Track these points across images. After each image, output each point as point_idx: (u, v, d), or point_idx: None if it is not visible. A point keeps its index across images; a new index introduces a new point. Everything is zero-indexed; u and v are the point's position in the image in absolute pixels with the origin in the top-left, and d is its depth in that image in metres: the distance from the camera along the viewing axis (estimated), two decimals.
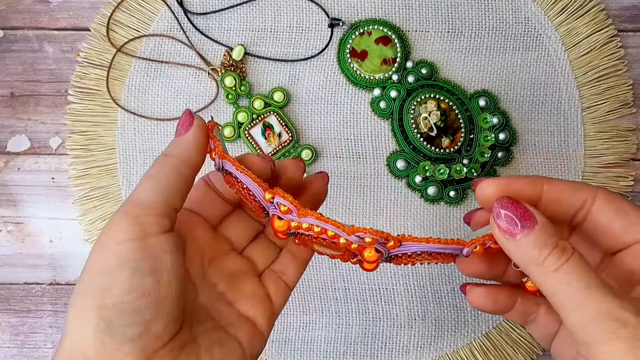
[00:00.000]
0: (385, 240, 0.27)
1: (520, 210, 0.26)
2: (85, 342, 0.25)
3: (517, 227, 0.26)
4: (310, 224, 0.27)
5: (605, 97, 0.48)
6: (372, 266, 0.28)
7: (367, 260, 0.27)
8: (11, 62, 0.50)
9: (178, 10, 0.50)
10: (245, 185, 0.29)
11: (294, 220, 0.28)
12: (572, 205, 0.28)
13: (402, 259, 0.28)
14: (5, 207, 0.50)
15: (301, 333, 0.48)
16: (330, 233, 0.27)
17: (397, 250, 0.27)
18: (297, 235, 0.28)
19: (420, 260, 0.28)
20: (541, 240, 0.25)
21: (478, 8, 0.49)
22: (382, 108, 0.48)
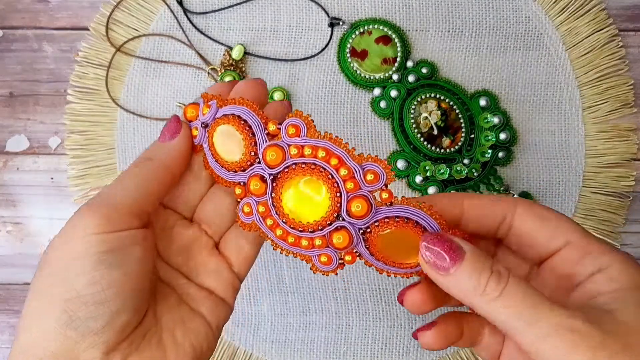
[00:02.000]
0: (384, 185, 0.27)
1: (447, 244, 0.26)
2: (46, 337, 0.24)
3: (446, 261, 0.25)
4: (316, 146, 0.27)
5: (606, 97, 0.48)
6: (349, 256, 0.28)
7: (336, 246, 0.27)
8: (10, 61, 0.50)
9: (178, 9, 0.49)
10: (244, 120, 0.28)
11: (296, 145, 0.27)
12: (493, 218, 0.28)
13: (373, 234, 0.27)
14: (5, 207, 0.49)
15: (301, 334, 0.48)
16: (333, 162, 0.27)
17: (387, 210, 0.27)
18: (279, 175, 0.27)
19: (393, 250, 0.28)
20: (476, 268, 0.25)
21: (479, 7, 0.49)
22: (383, 108, 0.48)
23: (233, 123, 0.28)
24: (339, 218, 0.27)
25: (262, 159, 0.27)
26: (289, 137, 0.27)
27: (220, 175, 0.29)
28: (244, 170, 0.28)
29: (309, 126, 0.27)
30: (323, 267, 0.28)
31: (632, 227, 0.48)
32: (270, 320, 0.48)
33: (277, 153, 0.27)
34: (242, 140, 0.28)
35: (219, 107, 0.29)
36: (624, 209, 0.48)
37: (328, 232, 0.27)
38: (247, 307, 0.48)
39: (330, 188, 0.27)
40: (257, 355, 0.47)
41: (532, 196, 0.47)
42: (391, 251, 0.28)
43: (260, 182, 0.28)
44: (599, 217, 0.48)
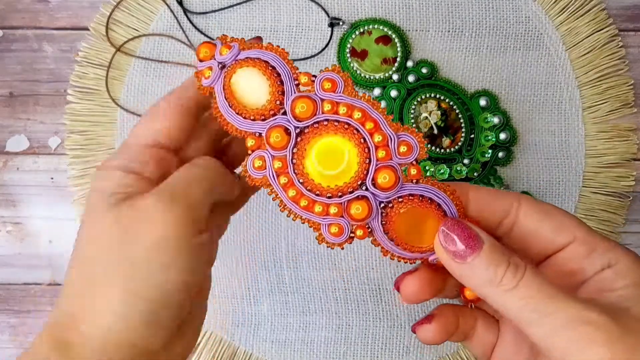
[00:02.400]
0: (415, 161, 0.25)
1: (467, 232, 0.25)
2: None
3: (465, 249, 0.25)
4: (351, 105, 0.25)
5: (606, 97, 0.48)
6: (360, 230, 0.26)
7: (353, 217, 0.25)
8: (10, 61, 0.50)
9: (177, 9, 0.49)
10: (271, 65, 0.25)
11: (330, 101, 0.25)
12: (497, 212, 0.27)
13: (394, 209, 0.26)
14: (4, 207, 0.49)
15: (301, 333, 0.48)
16: (369, 126, 0.25)
17: (392, 193, 0.25)
18: (304, 133, 0.25)
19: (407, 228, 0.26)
20: (493, 260, 0.25)
21: (479, 7, 0.49)
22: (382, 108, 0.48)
23: (260, 67, 0.25)
24: (362, 187, 0.25)
25: (289, 110, 0.25)
26: (323, 92, 0.25)
27: (232, 122, 0.26)
28: (263, 120, 0.25)
29: (347, 83, 0.25)
30: (331, 237, 0.26)
31: (632, 227, 0.48)
32: (270, 320, 0.48)
33: (308, 105, 0.25)
34: (268, 87, 0.25)
35: (242, 49, 0.26)
36: (624, 209, 0.48)
37: (347, 200, 0.25)
38: (247, 307, 0.48)
39: (361, 153, 0.25)
40: (257, 355, 0.48)
41: (533, 196, 0.47)
42: (407, 231, 0.26)
43: (283, 134, 0.25)
44: (599, 217, 0.48)
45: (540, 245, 0.27)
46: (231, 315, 0.48)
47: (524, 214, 0.27)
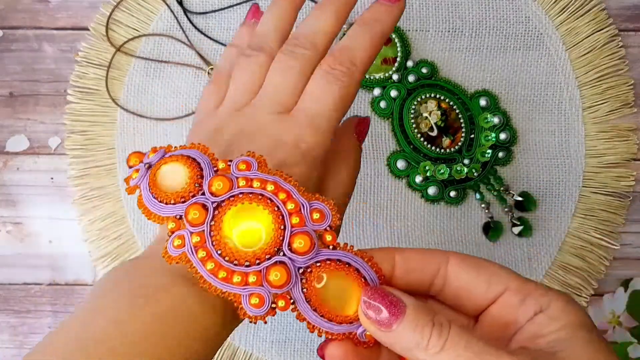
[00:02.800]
0: (329, 226, 0.26)
1: (388, 298, 0.25)
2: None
3: (388, 316, 0.24)
4: (265, 180, 0.25)
5: (606, 97, 0.48)
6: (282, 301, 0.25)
7: (272, 283, 0.24)
8: (10, 61, 0.50)
9: (178, 9, 0.49)
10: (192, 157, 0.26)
11: (244, 178, 0.25)
12: (427, 272, 0.27)
13: (313, 275, 0.25)
14: (4, 207, 0.49)
15: (301, 333, 0.48)
16: (281, 196, 0.25)
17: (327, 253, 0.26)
18: (221, 206, 0.25)
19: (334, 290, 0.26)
20: (418, 322, 0.24)
21: (478, 7, 0.49)
22: (382, 108, 0.48)
23: (181, 160, 0.26)
24: (280, 253, 0.25)
25: (207, 189, 0.25)
26: (238, 171, 0.26)
27: (154, 212, 0.26)
28: (184, 202, 0.26)
29: (261, 163, 0.26)
30: (252, 309, 0.25)
31: (632, 227, 0.48)
32: (270, 320, 0.48)
33: (225, 183, 0.25)
34: (187, 172, 0.26)
35: (167, 152, 0.27)
36: (624, 209, 0.48)
37: (265, 267, 0.25)
38: None
39: (275, 219, 0.25)
40: (257, 355, 0.47)
41: (532, 196, 0.47)
42: (329, 297, 0.26)
43: (201, 210, 0.25)
44: (599, 217, 0.48)
45: (474, 300, 0.27)
46: None
47: (453, 270, 0.27)
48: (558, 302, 0.25)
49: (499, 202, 0.48)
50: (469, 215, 0.48)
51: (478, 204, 0.48)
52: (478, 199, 0.48)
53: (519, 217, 0.47)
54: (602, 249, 0.48)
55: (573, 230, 0.48)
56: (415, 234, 0.48)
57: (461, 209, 0.48)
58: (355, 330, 0.26)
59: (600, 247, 0.48)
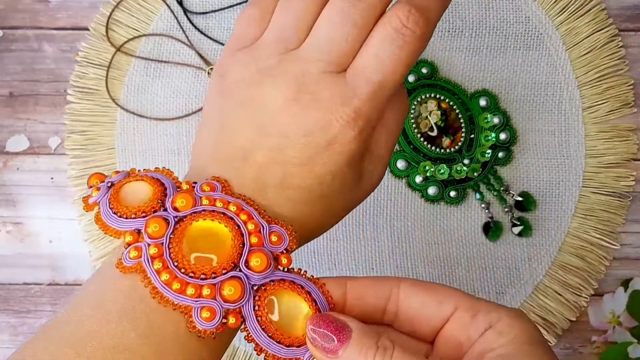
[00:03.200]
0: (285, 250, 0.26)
1: (333, 324, 0.25)
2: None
3: (335, 342, 0.25)
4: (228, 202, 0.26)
5: (606, 97, 0.48)
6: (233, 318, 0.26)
7: (226, 298, 0.25)
8: (10, 61, 0.50)
9: (178, 9, 0.49)
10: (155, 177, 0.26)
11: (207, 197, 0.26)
12: (378, 298, 0.27)
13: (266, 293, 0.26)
14: (4, 207, 0.49)
15: None
16: (243, 217, 0.26)
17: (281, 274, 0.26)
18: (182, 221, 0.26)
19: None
20: (362, 347, 0.24)
21: (478, 7, 0.49)
22: None
23: (145, 179, 0.26)
24: (236, 269, 0.25)
25: (170, 204, 0.25)
26: (202, 191, 0.26)
27: (112, 225, 0.26)
28: (144, 217, 0.25)
29: (225, 186, 0.26)
30: (202, 322, 0.25)
31: (632, 227, 0.49)
32: None
33: (188, 200, 0.25)
34: (151, 189, 0.26)
35: (131, 174, 0.27)
36: (623, 209, 0.48)
37: (220, 281, 0.25)
38: None
39: (235, 237, 0.26)
40: (257, 355, 0.47)
41: (532, 196, 0.47)
42: (280, 315, 0.26)
43: (162, 223, 0.25)
44: (599, 217, 0.48)
45: (427, 322, 0.27)
46: None
47: (404, 295, 0.27)
48: (506, 317, 0.25)
49: (499, 202, 0.48)
50: (469, 215, 0.48)
51: (478, 204, 0.48)
52: (478, 199, 0.48)
53: (519, 217, 0.47)
54: (602, 249, 0.48)
55: (573, 230, 0.48)
56: (415, 234, 0.48)
57: (461, 209, 0.48)
58: (302, 356, 0.26)
59: (600, 247, 0.48)
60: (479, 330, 0.25)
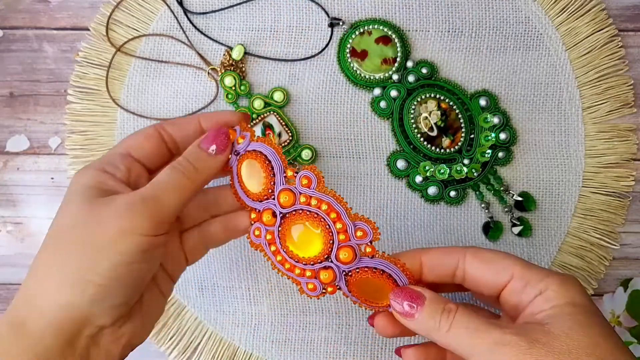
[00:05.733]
0: (370, 242, 0.33)
1: (410, 293, 0.33)
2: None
3: (413, 308, 0.32)
4: (321, 199, 0.33)
5: (606, 97, 0.48)
6: (331, 288, 0.35)
7: (322, 280, 0.34)
8: (10, 61, 0.50)
9: (178, 9, 0.49)
10: (269, 160, 0.34)
11: (306, 195, 0.33)
12: (448, 267, 0.34)
13: (353, 277, 0.34)
14: (5, 207, 0.49)
15: (301, 333, 0.48)
16: (332, 216, 0.33)
17: (367, 261, 0.33)
18: (287, 217, 0.34)
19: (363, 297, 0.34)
20: (432, 311, 0.32)
21: (478, 7, 0.49)
22: (383, 108, 0.48)
23: (259, 160, 0.34)
24: (328, 260, 0.34)
25: (277, 197, 0.34)
26: (301, 187, 0.33)
27: (242, 199, 0.36)
28: (260, 202, 0.35)
29: (319, 180, 0.33)
30: (309, 292, 0.35)
31: (632, 227, 0.49)
32: (270, 320, 0.48)
33: (290, 197, 0.33)
34: (264, 178, 0.34)
35: (252, 141, 0.34)
36: (623, 209, 0.48)
37: (318, 268, 0.34)
38: (247, 307, 0.48)
39: (326, 235, 0.33)
40: (257, 355, 0.48)
41: (532, 196, 0.48)
42: (364, 292, 0.34)
43: (271, 216, 0.34)
44: (599, 217, 0.48)
45: (489, 287, 0.33)
46: (231, 315, 0.48)
47: (469, 265, 0.33)
48: (553, 285, 0.31)
49: (499, 202, 0.48)
50: (469, 215, 0.48)
51: (478, 204, 0.48)
52: (478, 199, 0.48)
53: (518, 217, 0.48)
54: (602, 248, 0.48)
55: (573, 230, 0.48)
56: (415, 233, 0.48)
57: (461, 209, 0.48)
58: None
59: (600, 247, 0.48)
60: (529, 297, 0.31)
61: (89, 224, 0.30)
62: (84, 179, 0.32)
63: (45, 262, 0.30)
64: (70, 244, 0.30)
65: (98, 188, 0.32)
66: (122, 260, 0.30)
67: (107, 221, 0.30)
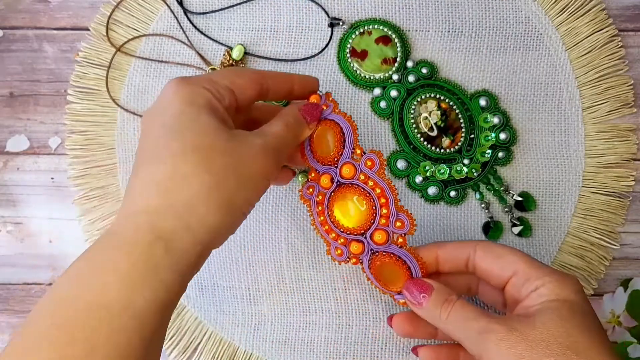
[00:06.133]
0: (405, 233, 0.38)
1: (420, 285, 0.38)
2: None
3: (422, 297, 0.37)
4: (377, 184, 0.38)
5: (606, 97, 0.48)
6: (354, 259, 0.39)
7: (351, 250, 0.39)
8: (10, 61, 0.50)
9: (178, 9, 0.49)
10: (343, 132, 0.38)
11: (366, 175, 0.38)
12: (461, 259, 0.38)
13: (378, 257, 0.39)
14: (5, 207, 0.50)
15: (301, 333, 0.48)
16: (382, 200, 0.38)
17: (381, 247, 0.39)
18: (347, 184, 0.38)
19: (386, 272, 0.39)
20: (438, 301, 0.37)
21: (478, 7, 0.49)
22: (383, 108, 0.48)
23: (335, 130, 0.38)
24: (363, 235, 0.39)
25: (339, 168, 0.38)
26: (365, 166, 0.38)
27: (307, 155, 0.39)
28: (323, 165, 0.39)
29: (382, 165, 0.38)
30: (336, 255, 0.40)
31: (632, 227, 0.49)
32: (271, 320, 0.48)
33: (351, 170, 0.38)
34: (334, 147, 0.38)
35: (333, 111, 0.38)
36: (623, 209, 0.48)
37: (351, 239, 0.39)
38: (247, 307, 0.48)
39: (370, 214, 0.38)
40: (257, 355, 0.48)
41: (532, 196, 0.48)
42: (381, 274, 0.39)
43: (329, 181, 0.38)
44: (599, 217, 0.48)
45: (495, 279, 0.37)
46: (231, 315, 0.48)
47: (478, 258, 0.38)
48: (549, 284, 0.34)
49: (498, 202, 0.48)
50: (469, 215, 0.48)
51: (478, 204, 0.48)
52: (478, 199, 0.48)
53: (518, 217, 0.48)
54: (602, 248, 0.48)
55: (573, 230, 0.48)
56: (415, 233, 0.48)
57: (461, 209, 0.48)
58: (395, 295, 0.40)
59: (600, 247, 0.48)
60: (527, 292, 0.35)
61: (234, 155, 0.31)
62: (199, 98, 0.32)
63: (192, 176, 0.29)
64: (222, 169, 0.30)
65: (214, 110, 0.32)
66: (258, 196, 0.33)
67: (249, 160, 0.31)
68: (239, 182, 0.31)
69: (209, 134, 0.31)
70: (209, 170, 0.30)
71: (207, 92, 0.32)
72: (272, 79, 0.36)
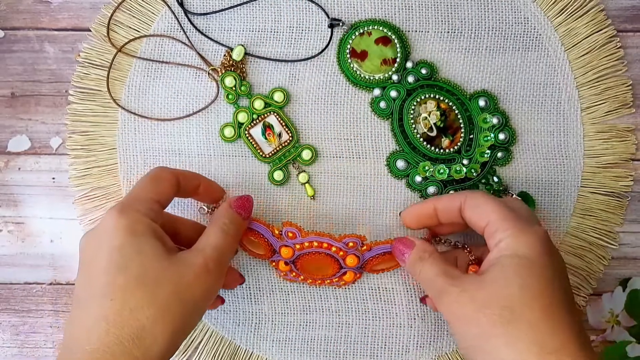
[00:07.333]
0: (361, 244, 0.44)
1: (404, 242, 0.42)
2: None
3: (405, 252, 0.42)
4: (310, 240, 0.43)
5: (605, 98, 0.49)
6: (351, 276, 0.46)
7: (346, 281, 0.46)
8: (12, 62, 0.50)
9: (178, 10, 0.50)
10: (262, 234, 0.44)
11: (297, 243, 0.43)
12: (454, 209, 0.41)
13: (373, 262, 0.45)
14: (6, 207, 0.50)
15: (301, 332, 0.48)
16: (325, 245, 0.43)
17: (369, 253, 0.45)
18: (298, 258, 0.44)
19: (383, 265, 0.46)
20: (416, 255, 0.41)
21: (478, 8, 0.49)
22: (382, 108, 0.48)
23: (256, 237, 0.44)
24: (342, 269, 0.45)
25: (279, 253, 0.44)
26: (289, 240, 0.44)
27: (254, 254, 0.46)
28: (269, 259, 0.46)
29: (300, 230, 0.43)
30: (335, 283, 0.47)
31: (631, 227, 0.49)
32: (271, 319, 0.48)
33: (289, 250, 0.44)
34: (260, 246, 0.45)
35: (253, 221, 0.44)
36: (622, 209, 0.48)
37: (339, 276, 0.46)
38: (247, 306, 0.48)
39: (330, 258, 0.44)
40: (257, 354, 0.48)
41: (531, 196, 0.48)
42: (383, 262, 0.45)
43: (284, 264, 0.46)
44: (598, 216, 0.48)
45: (476, 228, 0.39)
46: (232, 314, 0.48)
47: (466, 207, 0.40)
48: (507, 238, 0.36)
49: None
50: None
51: None
52: None
53: None
54: (601, 248, 0.48)
55: (572, 230, 0.48)
56: (415, 233, 0.48)
57: None
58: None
59: (599, 247, 0.48)
60: (492, 245, 0.37)
61: (178, 283, 0.34)
62: (139, 226, 0.35)
63: (138, 310, 0.33)
64: (166, 300, 0.34)
65: (154, 234, 0.35)
66: (202, 314, 0.38)
67: (192, 283, 0.35)
68: (184, 308, 0.34)
69: (153, 265, 0.34)
70: (154, 302, 0.33)
71: (145, 217, 0.35)
72: (181, 175, 0.40)
